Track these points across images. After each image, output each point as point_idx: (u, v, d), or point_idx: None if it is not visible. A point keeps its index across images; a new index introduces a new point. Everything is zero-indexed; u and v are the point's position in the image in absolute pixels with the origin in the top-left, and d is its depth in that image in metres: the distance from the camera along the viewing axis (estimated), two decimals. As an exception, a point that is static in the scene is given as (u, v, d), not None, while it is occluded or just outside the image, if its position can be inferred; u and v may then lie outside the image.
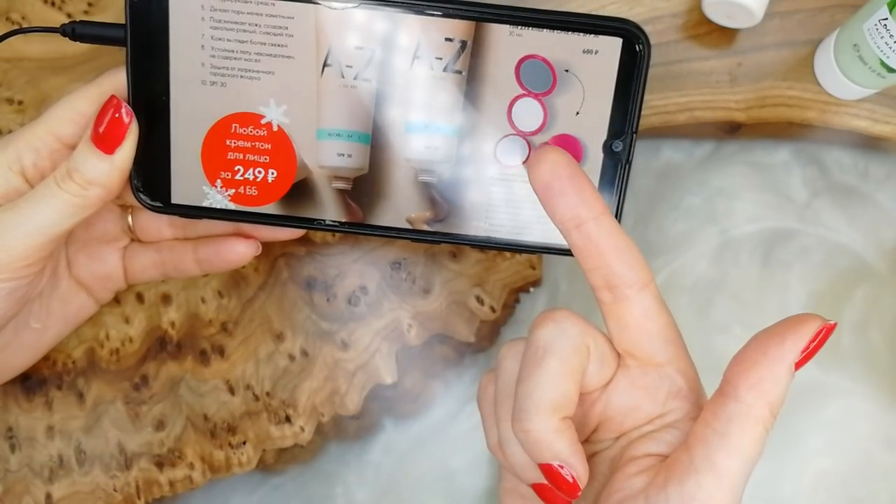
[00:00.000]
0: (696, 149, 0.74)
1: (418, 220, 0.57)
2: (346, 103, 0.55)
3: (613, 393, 0.52)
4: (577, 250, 0.49)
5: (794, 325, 0.44)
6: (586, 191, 0.47)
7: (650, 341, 0.50)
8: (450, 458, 0.72)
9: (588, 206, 0.47)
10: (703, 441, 0.45)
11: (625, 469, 0.50)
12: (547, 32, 0.53)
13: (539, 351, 0.49)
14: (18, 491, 0.69)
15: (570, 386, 0.48)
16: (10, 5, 0.71)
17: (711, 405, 0.46)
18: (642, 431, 0.51)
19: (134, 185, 0.57)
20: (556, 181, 0.47)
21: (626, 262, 0.48)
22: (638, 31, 0.53)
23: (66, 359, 0.70)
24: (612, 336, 0.51)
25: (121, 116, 0.53)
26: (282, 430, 0.69)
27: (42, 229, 0.53)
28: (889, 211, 0.73)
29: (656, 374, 0.51)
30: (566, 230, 0.48)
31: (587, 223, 0.47)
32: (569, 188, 0.47)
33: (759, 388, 0.44)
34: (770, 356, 0.44)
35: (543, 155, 0.47)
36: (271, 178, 0.57)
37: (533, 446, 0.48)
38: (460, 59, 0.54)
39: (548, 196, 0.47)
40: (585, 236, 0.47)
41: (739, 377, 0.45)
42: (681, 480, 0.45)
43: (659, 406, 0.51)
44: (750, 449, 0.44)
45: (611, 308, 0.50)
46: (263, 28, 0.54)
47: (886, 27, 0.60)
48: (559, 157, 0.47)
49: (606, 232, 0.47)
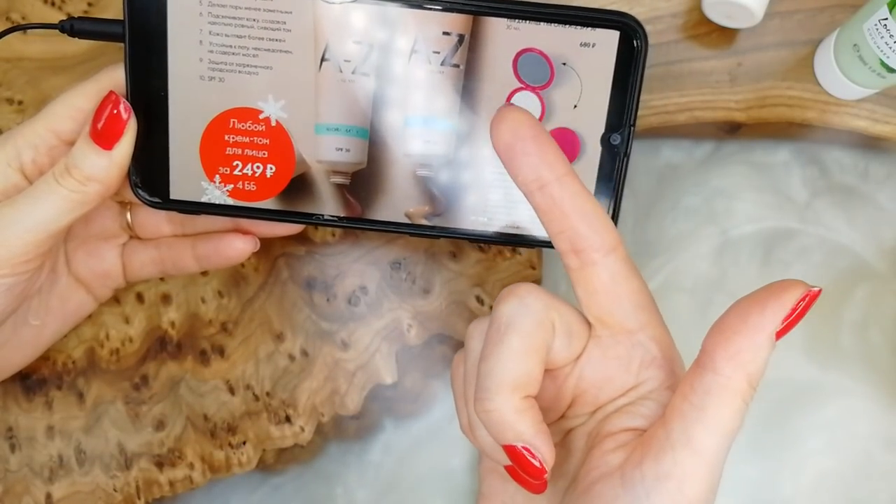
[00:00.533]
0: (696, 149, 0.74)
1: (417, 215, 0.57)
2: (345, 98, 0.55)
3: (586, 365, 0.50)
4: (541, 214, 0.48)
5: (776, 291, 0.42)
6: (549, 151, 0.46)
7: (620, 306, 0.49)
8: (450, 458, 0.72)
9: (550, 167, 0.46)
10: (680, 415, 0.44)
11: (601, 445, 0.49)
12: (544, 26, 0.53)
13: (501, 327, 0.47)
14: (18, 491, 0.69)
15: (533, 363, 0.47)
16: (10, 5, 0.71)
17: (689, 378, 0.45)
18: (617, 405, 0.50)
19: (132, 180, 0.57)
20: (518, 142, 0.46)
21: (592, 225, 0.47)
22: (635, 24, 0.53)
23: (66, 359, 0.70)
24: (582, 303, 0.50)
25: (119, 112, 0.53)
26: (282, 430, 0.69)
27: (41, 225, 0.53)
28: (889, 211, 0.73)
29: (628, 342, 0.49)
30: (529, 192, 0.47)
31: (550, 184, 0.46)
32: (531, 148, 0.46)
33: (738, 359, 0.42)
34: (750, 325, 0.42)
35: (504, 114, 0.46)
36: (270, 174, 0.57)
37: (495, 427, 0.47)
38: (458, 52, 0.54)
39: (509, 157, 0.46)
40: (549, 198, 0.46)
41: (717, 347, 0.43)
42: (656, 457, 0.44)
43: (633, 376, 0.50)
44: (728, 423, 0.43)
45: (578, 274, 0.48)
46: (261, 23, 0.54)
47: (886, 27, 0.60)
48: (520, 116, 0.46)
49: (570, 193, 0.46)
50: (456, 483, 0.72)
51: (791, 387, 0.71)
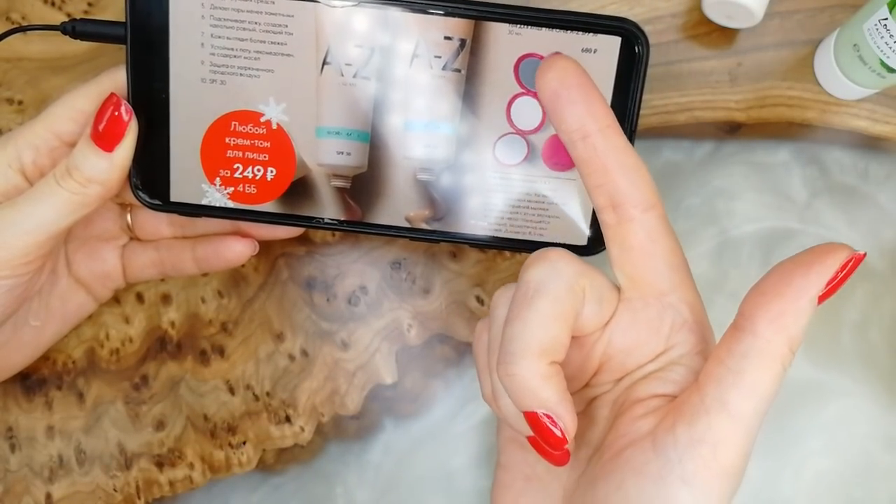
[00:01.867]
0: (696, 149, 0.74)
1: (417, 219, 0.57)
2: (346, 101, 0.55)
3: (615, 331, 0.50)
4: (581, 165, 0.47)
5: (820, 254, 0.42)
6: (595, 102, 0.46)
7: (654, 265, 0.48)
8: (450, 458, 0.72)
9: (595, 118, 0.46)
10: (716, 380, 0.43)
11: (630, 412, 0.48)
12: (546, 31, 0.53)
13: (529, 291, 0.47)
14: (18, 491, 0.69)
15: (561, 329, 0.46)
16: (10, 5, 0.71)
17: (725, 341, 0.44)
18: (646, 371, 0.49)
19: (133, 182, 0.57)
20: (565, 90, 0.45)
21: (633, 180, 0.47)
22: (636, 30, 0.53)
23: (66, 359, 0.70)
24: (614, 261, 0.49)
25: (120, 114, 0.53)
26: (282, 430, 0.69)
27: (41, 227, 0.53)
28: (889, 211, 0.73)
29: (659, 304, 0.49)
30: (571, 142, 0.47)
31: (593, 135, 0.46)
32: (577, 97, 0.45)
33: (780, 322, 0.42)
34: (794, 287, 0.41)
35: (553, 62, 0.46)
36: (270, 177, 0.57)
37: (518, 392, 0.46)
38: (459, 57, 0.54)
39: (555, 104, 0.46)
40: (591, 149, 0.46)
41: (758, 310, 0.42)
42: (690, 421, 0.43)
43: (663, 340, 0.49)
44: (766, 388, 0.42)
45: (615, 230, 0.48)
46: (263, 26, 0.54)
47: (886, 27, 0.60)
48: (569, 64, 0.46)
49: (613, 146, 0.46)
50: (456, 483, 0.72)
51: (791, 387, 0.71)
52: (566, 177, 0.56)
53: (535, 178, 0.56)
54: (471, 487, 0.72)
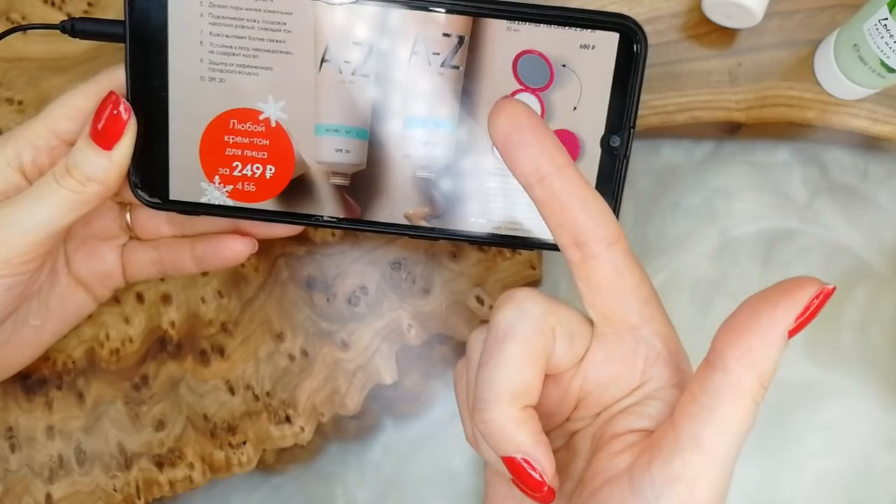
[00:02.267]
0: (696, 149, 0.74)
1: (416, 216, 0.57)
2: (344, 99, 0.55)
3: (590, 367, 0.49)
4: (541, 206, 0.47)
5: (788, 288, 0.41)
6: (547, 142, 0.45)
7: (623, 300, 0.48)
8: (450, 458, 0.72)
9: (550, 158, 0.45)
10: (690, 417, 0.43)
11: (608, 447, 0.48)
12: (544, 27, 0.53)
13: (499, 335, 0.46)
14: (18, 491, 0.69)
15: (532, 372, 0.46)
16: (10, 5, 0.71)
17: (698, 377, 0.43)
18: (623, 405, 0.49)
19: (132, 181, 0.57)
20: (516, 132, 0.45)
21: (593, 216, 0.46)
22: (634, 27, 0.53)
23: (66, 359, 0.70)
24: (584, 298, 0.49)
25: (119, 113, 0.53)
26: (282, 430, 0.69)
27: (41, 225, 0.53)
28: (889, 211, 0.73)
29: (632, 339, 0.48)
30: (528, 185, 0.46)
31: (549, 176, 0.45)
32: (529, 139, 0.45)
33: (749, 358, 0.41)
34: (762, 323, 0.41)
35: (502, 107, 0.45)
36: (269, 174, 0.57)
37: (494, 438, 0.46)
38: (458, 54, 0.54)
39: (507, 149, 0.45)
40: (548, 190, 0.46)
41: (727, 346, 0.42)
42: (666, 459, 0.43)
43: (638, 375, 0.49)
44: (739, 424, 0.42)
45: (581, 268, 0.47)
46: (262, 24, 0.54)
47: (886, 27, 0.60)
48: (518, 108, 0.45)
49: (570, 185, 0.46)
50: (456, 483, 0.72)
51: (791, 387, 0.71)
52: (565, 174, 0.56)
53: (535, 176, 0.56)
54: (471, 487, 0.72)
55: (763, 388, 0.42)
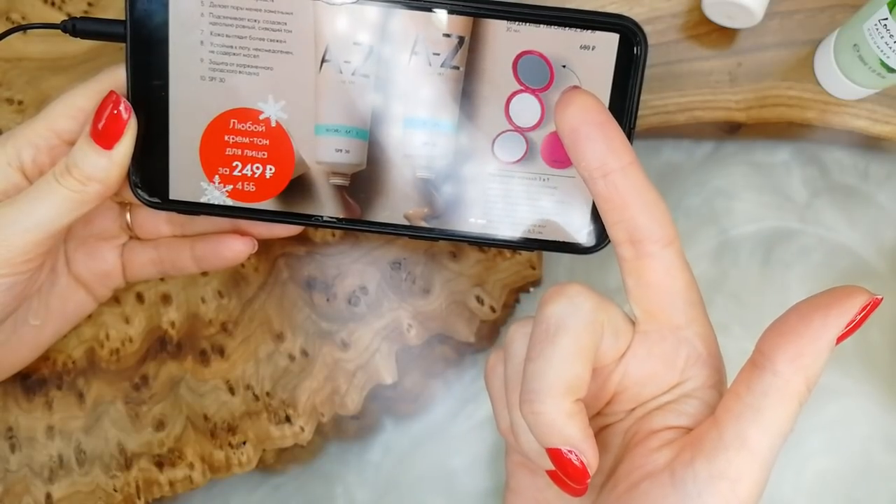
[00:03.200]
0: (696, 149, 0.74)
1: (416, 217, 0.57)
2: (344, 99, 0.55)
3: (631, 363, 0.50)
4: (601, 201, 0.47)
5: (839, 297, 0.42)
6: (616, 138, 0.45)
7: (672, 301, 0.48)
8: (450, 458, 0.72)
9: (617, 155, 0.45)
10: (735, 415, 0.43)
11: (645, 443, 0.48)
12: (544, 28, 0.53)
13: (550, 328, 0.46)
14: (18, 491, 0.69)
15: (584, 366, 0.46)
16: (10, 5, 0.71)
17: (744, 378, 0.44)
18: (660, 402, 0.50)
19: (132, 181, 0.57)
20: (586, 126, 0.45)
21: (653, 216, 0.46)
22: (635, 27, 0.53)
23: (66, 359, 0.70)
24: (631, 295, 0.49)
25: (119, 112, 0.53)
26: (282, 430, 0.69)
27: (41, 225, 0.53)
28: (889, 211, 0.73)
29: (675, 338, 0.49)
30: (591, 179, 0.46)
31: (615, 173, 0.46)
32: (598, 134, 0.45)
33: (800, 362, 0.42)
34: (813, 329, 0.42)
35: (573, 97, 0.45)
36: (269, 174, 0.57)
37: (543, 430, 0.45)
38: (458, 54, 0.54)
39: (574, 141, 0.46)
40: (612, 186, 0.46)
41: (777, 350, 0.43)
42: (709, 456, 0.43)
43: (678, 373, 0.49)
44: (784, 425, 0.43)
45: (632, 265, 0.48)
46: (262, 24, 0.54)
47: (886, 27, 0.60)
48: (589, 100, 0.45)
49: (634, 183, 0.46)
50: (456, 483, 0.72)
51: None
52: (565, 174, 0.56)
53: (535, 176, 0.56)
54: (471, 487, 0.72)
55: (809, 391, 0.43)
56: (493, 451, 0.72)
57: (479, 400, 0.73)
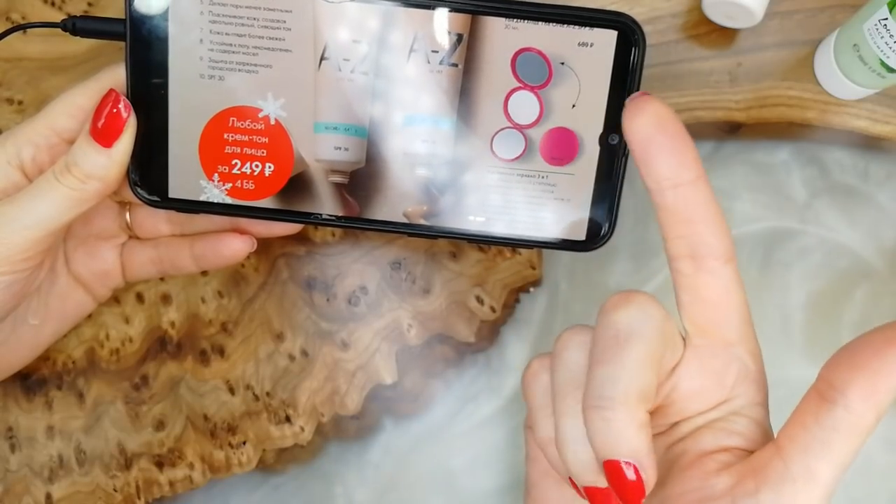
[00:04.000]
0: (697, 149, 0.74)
1: (415, 215, 0.57)
2: (344, 97, 0.55)
3: (681, 377, 0.48)
4: (667, 214, 0.46)
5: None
6: (688, 150, 0.45)
7: (727, 318, 0.47)
8: (450, 458, 0.72)
9: (689, 167, 0.45)
10: (802, 448, 0.43)
11: (701, 465, 0.47)
12: (542, 25, 0.53)
13: (621, 334, 0.45)
14: (18, 491, 0.69)
15: (654, 375, 0.45)
16: (10, 5, 0.72)
17: (812, 409, 0.43)
18: (707, 418, 0.49)
19: (132, 179, 0.57)
20: (659, 136, 0.44)
21: (716, 231, 0.46)
22: (632, 24, 0.53)
23: (66, 359, 0.70)
24: (685, 310, 0.48)
25: (119, 110, 0.53)
26: (282, 430, 0.69)
27: (41, 223, 0.53)
28: (889, 211, 0.73)
29: (726, 355, 0.48)
30: (659, 190, 0.46)
31: (685, 185, 0.45)
32: (671, 145, 0.44)
33: (874, 399, 0.41)
34: (888, 364, 0.41)
35: (645, 105, 0.45)
36: (268, 172, 0.57)
37: (610, 438, 0.43)
38: (456, 52, 0.54)
39: (645, 151, 0.45)
40: (681, 199, 0.45)
41: (851, 385, 0.41)
42: (775, 488, 0.43)
43: (727, 390, 0.48)
44: (851, 458, 0.42)
45: (690, 280, 0.47)
46: (261, 22, 0.54)
47: (886, 27, 0.60)
48: (662, 109, 0.45)
49: (702, 198, 0.45)
50: (456, 483, 0.72)
51: (791, 387, 0.71)
52: (564, 171, 0.56)
53: (534, 173, 0.56)
54: (471, 487, 0.72)
55: (877, 424, 0.42)
56: (493, 451, 0.72)
57: (479, 400, 0.73)
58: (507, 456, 0.72)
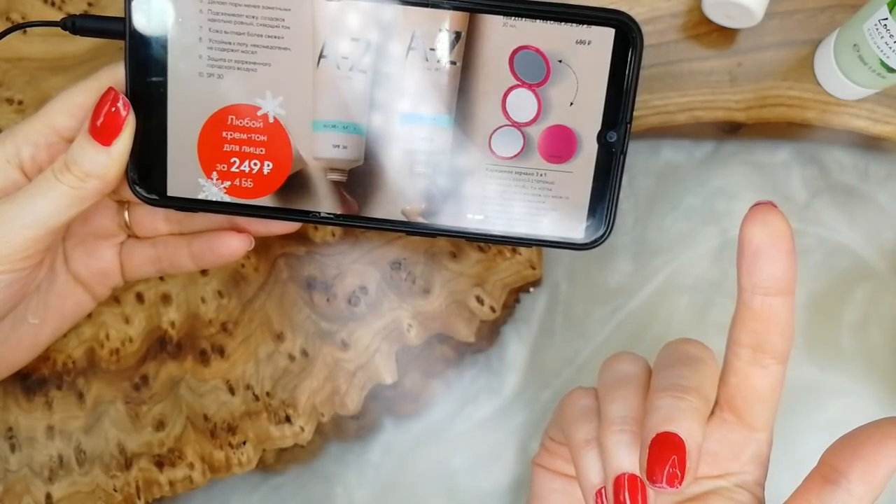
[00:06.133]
0: (696, 149, 0.74)
1: (413, 213, 0.57)
2: (342, 95, 0.55)
3: (706, 438, 0.50)
4: (748, 313, 0.48)
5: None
6: (793, 268, 0.46)
7: (762, 408, 0.50)
8: (450, 458, 0.72)
9: (788, 283, 0.46)
10: None
11: None
12: (540, 23, 0.53)
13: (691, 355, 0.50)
14: (18, 491, 0.69)
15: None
16: (10, 5, 0.72)
17: (815, 490, 0.46)
18: (715, 485, 0.52)
19: (130, 177, 0.57)
20: (772, 249, 0.45)
21: (785, 338, 0.48)
22: (630, 22, 0.53)
23: (66, 359, 0.70)
24: (728, 389, 0.50)
25: (118, 109, 0.53)
26: (282, 430, 0.69)
27: (40, 221, 0.54)
28: (889, 211, 0.73)
29: (748, 435, 0.51)
30: (751, 293, 0.47)
31: (777, 297, 0.46)
32: (780, 260, 0.45)
33: (872, 483, 0.44)
34: (887, 457, 0.44)
35: (769, 217, 0.45)
36: (267, 171, 0.57)
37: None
38: (455, 50, 0.54)
39: (755, 258, 0.46)
40: (768, 307, 0.47)
41: (853, 470, 0.45)
42: None
43: (738, 464, 0.51)
44: None
45: (743, 367, 0.49)
46: (260, 20, 0.54)
47: (886, 27, 0.60)
48: (784, 226, 0.45)
49: (787, 311, 0.47)
50: (456, 483, 0.72)
51: (791, 387, 0.71)
52: (563, 169, 0.56)
53: (532, 171, 0.56)
54: (471, 487, 0.72)
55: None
56: (493, 451, 0.72)
57: (479, 400, 0.73)
58: (507, 456, 0.72)
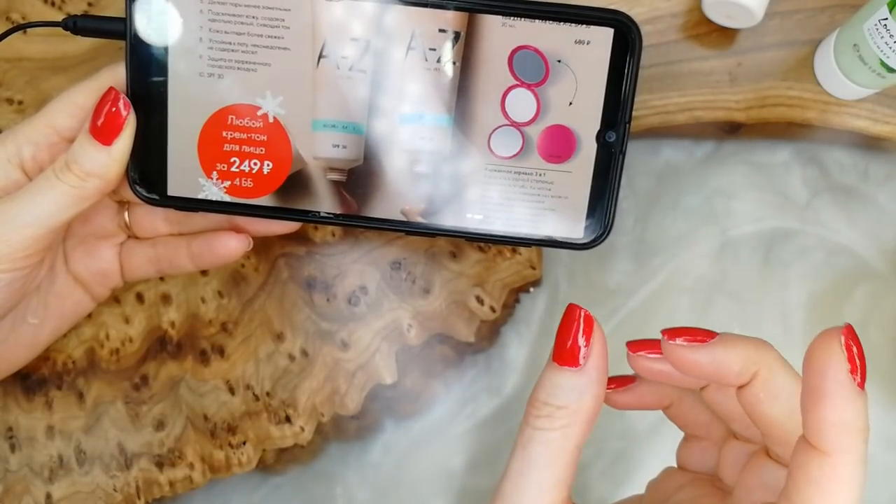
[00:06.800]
0: (696, 149, 0.74)
1: (413, 212, 0.57)
2: (342, 94, 0.55)
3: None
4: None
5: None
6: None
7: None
8: (450, 458, 0.72)
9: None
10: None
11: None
12: (539, 23, 0.54)
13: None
14: (18, 491, 0.69)
15: None
16: (10, 5, 0.72)
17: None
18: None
19: (131, 177, 0.57)
20: (824, 383, 0.42)
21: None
22: (629, 22, 0.53)
23: (66, 359, 0.70)
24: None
25: (118, 108, 0.53)
26: (282, 430, 0.69)
27: (41, 220, 0.54)
28: (889, 211, 0.73)
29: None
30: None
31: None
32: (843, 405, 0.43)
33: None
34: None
35: (833, 350, 0.41)
36: (267, 170, 0.57)
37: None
38: (454, 50, 0.54)
39: (812, 395, 0.42)
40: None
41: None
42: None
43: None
44: None
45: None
46: (260, 20, 0.54)
47: (886, 27, 0.60)
48: (843, 368, 0.42)
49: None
50: (456, 483, 0.72)
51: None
52: (562, 169, 0.56)
53: (531, 171, 0.56)
54: (471, 487, 0.72)
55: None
56: (494, 451, 0.72)
57: (479, 400, 0.73)
58: (507, 456, 0.72)
